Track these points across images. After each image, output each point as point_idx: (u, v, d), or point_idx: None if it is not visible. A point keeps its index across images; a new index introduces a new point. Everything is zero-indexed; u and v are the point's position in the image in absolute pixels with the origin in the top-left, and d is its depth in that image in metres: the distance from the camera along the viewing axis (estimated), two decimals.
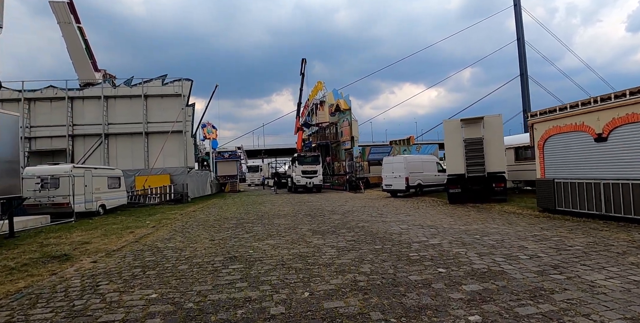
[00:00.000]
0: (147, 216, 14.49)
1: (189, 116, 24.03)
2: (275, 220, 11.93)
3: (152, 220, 13.17)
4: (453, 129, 15.92)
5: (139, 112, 23.44)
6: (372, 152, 33.73)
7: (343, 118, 37.19)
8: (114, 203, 17.75)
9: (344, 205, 16.54)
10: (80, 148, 23.34)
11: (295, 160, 29.13)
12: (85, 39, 27.48)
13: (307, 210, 14.73)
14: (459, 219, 10.68)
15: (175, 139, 23.56)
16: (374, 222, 10.57)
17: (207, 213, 15.17)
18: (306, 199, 21.48)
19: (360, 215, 12.45)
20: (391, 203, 16.82)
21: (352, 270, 5.37)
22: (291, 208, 15.76)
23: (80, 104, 23.53)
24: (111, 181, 17.82)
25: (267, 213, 14.26)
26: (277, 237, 8.49)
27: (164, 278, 5.28)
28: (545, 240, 7.28)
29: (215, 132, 31.81)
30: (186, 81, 24.14)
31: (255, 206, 17.70)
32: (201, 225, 11.13)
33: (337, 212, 13.68)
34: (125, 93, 23.66)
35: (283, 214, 13.60)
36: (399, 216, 11.81)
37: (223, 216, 13.66)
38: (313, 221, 11.11)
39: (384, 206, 15.40)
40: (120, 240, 8.80)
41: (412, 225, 9.87)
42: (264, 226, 10.55)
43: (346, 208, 15.34)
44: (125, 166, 23.24)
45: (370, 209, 14.50)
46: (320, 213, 13.63)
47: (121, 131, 23.48)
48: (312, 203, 18.14)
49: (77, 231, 10.90)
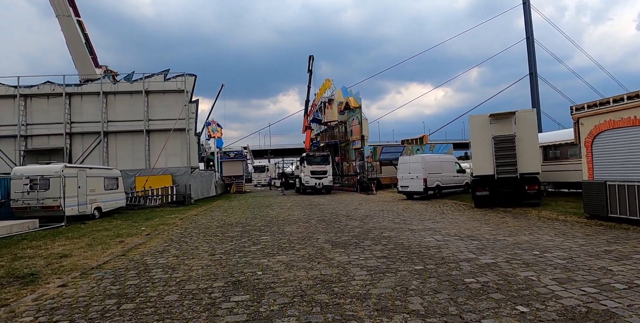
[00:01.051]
0: (144, 221, 13.20)
1: (192, 113, 22.75)
2: (285, 226, 10.54)
3: (149, 225, 11.85)
4: (480, 125, 14.41)
5: (139, 109, 22.21)
6: (383, 152, 32.22)
7: (353, 116, 35.76)
8: (111, 205, 16.52)
9: (359, 209, 15.11)
10: (78, 147, 22.18)
11: (303, 160, 27.74)
12: (85, 33, 26.40)
13: (319, 215, 13.33)
14: (498, 227, 9.20)
15: (178, 137, 22.30)
16: (400, 231, 9.14)
17: (210, 217, 13.84)
18: (316, 201, 20.08)
19: (381, 221, 11.02)
20: (410, 207, 15.35)
21: (398, 308, 3.95)
22: (302, 212, 14.37)
23: (79, 100, 22.37)
24: (108, 182, 16.59)
25: (275, 217, 12.88)
26: (290, 251, 7.10)
27: (142, 318, 3.91)
28: (624, 258, 5.80)
29: (220, 130, 30.54)
30: (189, 76, 22.86)
31: (262, 209, 16.34)
32: (202, 233, 9.78)
33: (354, 217, 12.26)
34: (125, 89, 22.43)
35: (294, 219, 12.21)
36: (425, 223, 10.36)
37: (227, 221, 12.31)
38: (329, 229, 9.71)
39: (404, 211, 13.94)
40: (105, 253, 7.47)
41: (446, 235, 8.41)
42: (273, 235, 9.16)
43: (362, 212, 13.91)
44: (125, 166, 22.06)
45: (390, 214, 13.06)
46: (334, 218, 12.22)
47: (121, 129, 22.27)
48: (324, 206, 16.74)
49: (62, 239, 9.61)
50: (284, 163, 45.50)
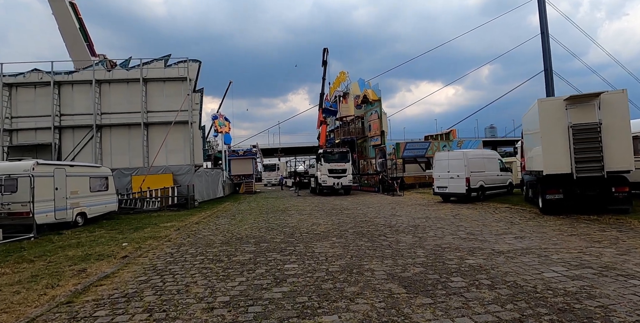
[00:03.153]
0: (132, 231, 10.51)
1: (196, 103, 20.07)
2: (315, 244, 7.71)
3: (134, 239, 9.14)
4: (552, 111, 11.38)
5: (137, 100, 19.60)
6: (407, 148, 29.27)
7: (371, 110, 32.84)
8: (98, 210, 13.90)
9: (397, 215, 12.23)
10: (68, 142, 19.68)
11: (320, 157, 24.88)
12: (80, 18, 23.91)
13: (352, 224, 10.48)
14: (627, 251, 6.25)
15: (180, 131, 19.64)
16: (485, 255, 6.25)
17: (215, 227, 11.08)
18: (339, 204, 17.24)
19: (442, 236, 8.13)
20: (459, 213, 12.41)
21: None
22: (328, 220, 11.54)
23: (69, 90, 19.86)
24: (95, 182, 13.98)
25: (297, 228, 10.06)
26: (339, 302, 4.26)
27: None
28: None
29: (228, 125, 27.84)
30: (193, 62, 20.17)
31: (278, 215, 13.55)
32: (199, 255, 7.00)
33: (400, 229, 9.38)
34: (121, 77, 19.82)
35: (321, 231, 9.38)
36: (506, 240, 7.45)
37: (235, 233, 9.52)
38: (379, 250, 6.86)
39: (456, 218, 11.01)
40: (42, 298, 4.72)
41: (566, 264, 5.51)
42: (301, 260, 6.34)
43: (404, 220, 11.04)
44: (121, 163, 19.51)
45: (442, 223, 10.15)
46: (375, 230, 9.36)
47: (116, 122, 19.67)
48: (351, 211, 13.89)
49: (9, 262, 6.95)
50: (297, 161, 42.69)
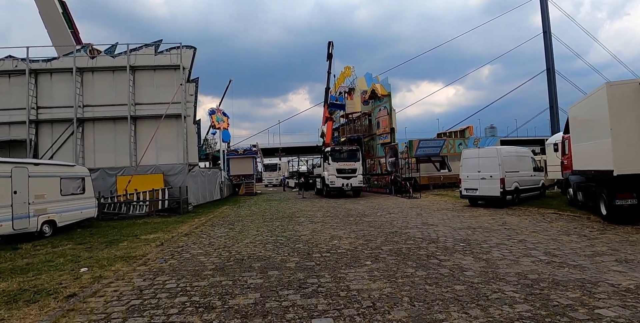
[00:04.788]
0: (104, 247, 8.30)
1: (190, 95, 17.85)
2: (345, 274, 5.50)
3: (101, 259, 6.92)
4: (625, 98, 9.19)
5: (123, 91, 17.35)
6: (420, 146, 27.04)
7: (380, 106, 30.67)
8: (71, 216, 11.70)
9: (430, 224, 10.02)
10: (46, 138, 17.45)
11: (327, 156, 22.66)
12: (63, 2, 21.68)
13: (382, 237, 8.27)
14: None
15: (172, 126, 17.43)
16: (622, 299, 4.07)
17: (208, 240, 8.85)
18: (353, 208, 15.03)
19: (519, 259, 5.92)
20: (505, 221, 10.21)
21: None
22: (349, 231, 9.32)
23: (47, 80, 17.64)
24: (68, 184, 11.78)
25: (313, 244, 7.85)
26: None
27: None
28: None
29: (226, 120, 25.57)
30: (187, 48, 17.95)
31: (285, 223, 11.33)
32: (180, 295, 4.77)
33: (448, 246, 7.16)
34: (106, 64, 17.60)
35: (347, 249, 7.16)
36: (619, 268, 5.27)
37: (234, 252, 7.29)
38: (445, 288, 4.66)
39: (508, 229, 8.80)
40: None
41: None
42: (335, 309, 4.12)
43: (442, 231, 8.84)
44: (106, 162, 17.30)
45: (499, 237, 7.95)
46: (415, 246, 7.15)
47: (100, 116, 17.43)
48: (373, 219, 11.67)
49: None
50: (300, 161, 40.49)
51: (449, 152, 27.25)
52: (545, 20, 67.51)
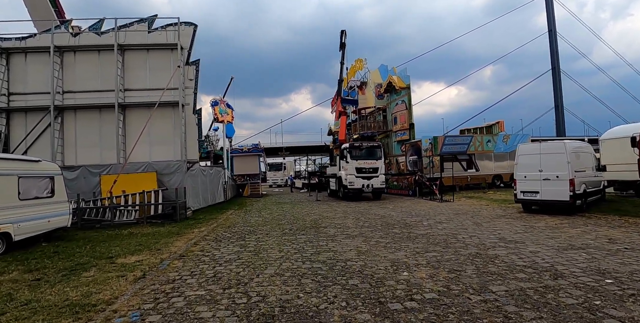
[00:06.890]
0: (60, 279, 5.63)
1: (190, 79, 15.16)
2: None
3: (41, 309, 4.25)
4: None
5: (110, 74, 14.65)
6: (445, 143, 24.35)
7: (397, 100, 28.02)
8: (35, 227, 9.00)
9: (507, 239, 7.33)
10: (19, 129, 14.76)
11: (345, 153, 20.00)
12: None
13: (469, 265, 5.59)
14: None
15: (168, 116, 14.75)
16: None
17: (213, 271, 6.16)
18: (386, 215, 12.33)
19: None
20: (601, 234, 7.54)
21: None
22: (412, 254, 6.62)
23: (22, 61, 14.97)
24: (30, 185, 9.09)
25: (375, 279, 5.16)
26: None
27: None
28: None
29: (231, 113, 22.84)
30: (186, 25, 15.26)
31: (313, 238, 8.63)
32: None
33: (574, 283, 4.49)
34: (90, 42, 14.92)
35: (438, 292, 4.50)
36: None
37: (257, 299, 4.60)
38: None
39: (624, 249, 6.13)
40: None
41: None
42: None
43: (538, 251, 6.17)
44: (90, 158, 14.63)
45: (628, 264, 5.29)
46: (542, 286, 4.48)
47: (83, 103, 14.73)
48: (430, 233, 8.97)
49: None
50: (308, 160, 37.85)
51: (476, 150, 24.64)
52: (551, 19, 65.59)
